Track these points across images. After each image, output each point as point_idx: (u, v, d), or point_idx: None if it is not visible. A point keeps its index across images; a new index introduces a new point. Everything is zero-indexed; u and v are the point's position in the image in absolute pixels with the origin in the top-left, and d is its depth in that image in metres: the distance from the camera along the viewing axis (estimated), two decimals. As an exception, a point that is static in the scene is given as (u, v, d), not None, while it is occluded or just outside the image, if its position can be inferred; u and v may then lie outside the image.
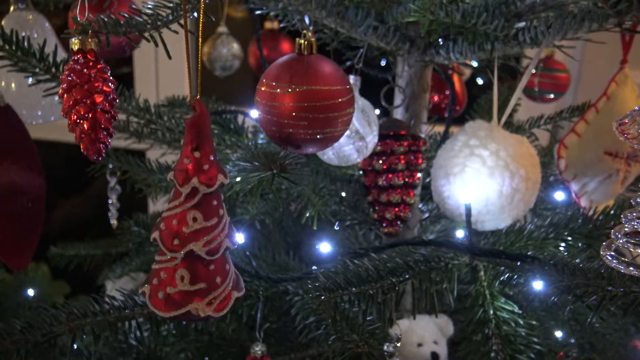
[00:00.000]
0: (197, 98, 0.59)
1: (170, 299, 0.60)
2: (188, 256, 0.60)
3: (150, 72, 2.54)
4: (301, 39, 0.81)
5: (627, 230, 0.55)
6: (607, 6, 0.82)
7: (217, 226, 0.60)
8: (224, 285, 0.62)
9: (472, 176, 0.94)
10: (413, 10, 0.89)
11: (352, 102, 0.83)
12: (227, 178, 0.61)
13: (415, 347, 1.26)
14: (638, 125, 0.52)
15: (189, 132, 0.59)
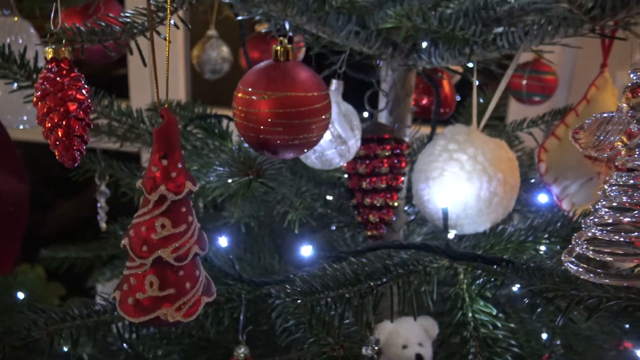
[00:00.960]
0: (165, 107, 0.60)
1: (140, 304, 0.61)
2: (157, 262, 0.61)
3: (145, 74, 2.55)
4: (278, 45, 0.82)
5: (588, 237, 0.55)
6: (580, 12, 0.83)
7: (186, 233, 0.61)
8: (193, 291, 0.63)
9: (450, 180, 0.95)
10: (390, 16, 0.90)
11: (328, 108, 0.84)
12: (196, 185, 0.62)
13: (400, 349, 1.27)
14: (590, 134, 0.52)
15: (156, 140, 0.60)
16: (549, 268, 0.75)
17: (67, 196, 2.82)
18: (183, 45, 2.49)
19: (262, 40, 1.85)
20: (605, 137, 0.52)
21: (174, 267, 0.61)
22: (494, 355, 0.90)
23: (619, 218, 0.54)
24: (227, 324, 1.09)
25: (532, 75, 1.61)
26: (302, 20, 0.98)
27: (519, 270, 0.78)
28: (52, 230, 2.79)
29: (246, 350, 1.07)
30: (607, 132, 0.52)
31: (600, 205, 0.55)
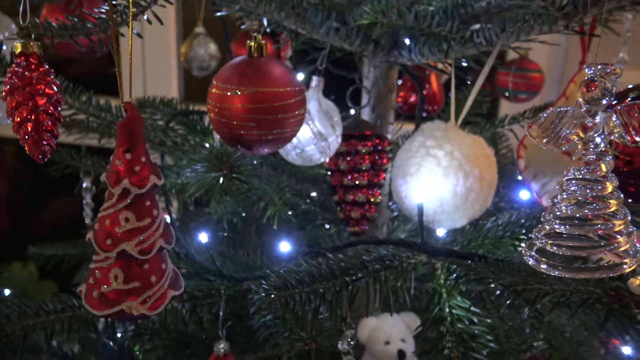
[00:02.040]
0: (128, 101, 0.61)
1: (104, 297, 0.62)
2: (121, 256, 0.61)
3: (137, 72, 2.56)
4: (252, 41, 0.83)
5: (547, 231, 0.56)
6: (554, 9, 0.83)
7: (151, 226, 0.62)
8: (159, 284, 0.63)
9: (427, 176, 0.96)
10: (366, 13, 0.90)
11: (302, 103, 0.84)
12: (161, 179, 0.62)
13: (383, 345, 1.28)
14: (545, 128, 0.53)
15: (120, 134, 0.60)
16: (518, 262, 0.75)
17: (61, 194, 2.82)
18: (175, 43, 2.49)
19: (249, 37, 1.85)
20: (560, 131, 0.52)
21: (138, 261, 0.62)
22: (469, 351, 0.91)
23: (576, 211, 0.54)
24: (211, 320, 1.09)
25: (518, 73, 1.61)
26: (281, 16, 0.98)
27: (490, 265, 0.79)
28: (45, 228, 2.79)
29: (226, 346, 1.07)
30: (562, 126, 0.52)
31: (558, 199, 0.55)
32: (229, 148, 1.01)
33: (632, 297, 0.60)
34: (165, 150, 1.11)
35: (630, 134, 0.51)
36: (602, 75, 0.51)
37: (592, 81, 0.51)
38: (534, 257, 0.57)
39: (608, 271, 0.53)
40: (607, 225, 0.53)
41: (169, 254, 1.15)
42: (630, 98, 0.72)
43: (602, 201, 0.53)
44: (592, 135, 0.52)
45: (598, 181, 0.54)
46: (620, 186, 0.77)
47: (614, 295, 0.61)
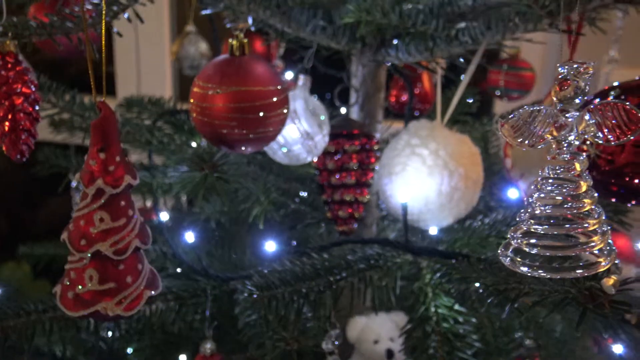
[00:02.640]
0: (102, 100, 0.60)
1: (80, 298, 0.61)
2: (96, 256, 0.61)
3: (131, 71, 2.55)
4: (234, 40, 0.82)
5: (522, 230, 0.55)
6: (537, 7, 0.83)
7: (126, 227, 0.61)
8: (135, 285, 0.63)
9: (412, 175, 0.95)
10: (350, 11, 0.90)
11: (285, 102, 0.84)
12: (136, 179, 0.62)
13: (372, 345, 1.28)
14: (517, 127, 0.52)
15: (94, 133, 0.60)
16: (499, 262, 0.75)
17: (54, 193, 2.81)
18: (169, 42, 2.49)
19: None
20: (533, 130, 0.52)
21: (114, 261, 0.61)
22: (454, 350, 0.90)
23: (551, 211, 0.54)
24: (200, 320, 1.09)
25: (510, 71, 1.61)
26: (266, 14, 0.98)
27: (473, 265, 0.78)
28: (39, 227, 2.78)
29: (212, 346, 1.07)
30: (535, 125, 0.52)
31: (533, 199, 0.55)
32: (214, 147, 1.01)
33: (606, 296, 0.60)
34: (152, 149, 1.11)
35: (603, 133, 0.51)
36: (575, 74, 0.50)
37: (565, 80, 0.51)
38: (509, 257, 0.56)
39: (583, 271, 0.53)
40: (581, 225, 0.53)
41: (156, 253, 1.15)
42: (612, 96, 0.72)
43: (576, 200, 0.53)
44: (566, 134, 0.52)
45: (572, 180, 0.53)
46: (603, 186, 0.77)
47: (588, 295, 0.61)
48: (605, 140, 0.51)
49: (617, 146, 0.70)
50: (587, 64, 0.50)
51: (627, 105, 0.49)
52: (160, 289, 0.66)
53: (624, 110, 0.49)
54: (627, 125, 0.49)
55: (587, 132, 0.51)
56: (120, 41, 2.50)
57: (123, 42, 2.50)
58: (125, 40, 2.50)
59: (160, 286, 0.67)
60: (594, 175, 0.73)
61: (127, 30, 2.64)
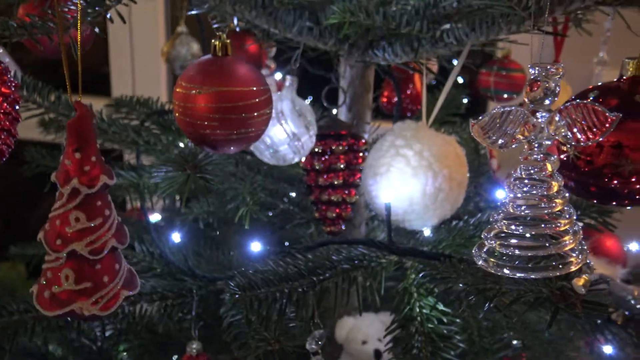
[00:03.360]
0: (78, 100, 0.60)
1: (56, 298, 0.62)
2: (72, 256, 0.61)
3: (126, 72, 2.56)
4: (216, 40, 0.83)
5: (496, 231, 0.56)
6: (519, 8, 0.83)
7: (102, 226, 0.62)
8: (112, 284, 0.63)
9: (396, 176, 0.95)
10: (334, 12, 0.90)
11: (268, 102, 0.84)
12: (113, 179, 0.62)
13: (360, 345, 1.28)
14: (488, 127, 0.53)
15: (69, 133, 0.60)
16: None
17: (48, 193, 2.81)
18: (164, 42, 2.49)
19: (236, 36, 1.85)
20: (504, 131, 0.52)
21: (90, 261, 0.62)
22: (438, 350, 0.91)
23: (523, 211, 0.54)
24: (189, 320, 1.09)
25: (500, 72, 1.61)
26: (251, 15, 0.98)
27: (454, 265, 0.79)
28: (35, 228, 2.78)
29: (198, 346, 1.07)
30: (506, 126, 0.52)
31: (506, 199, 0.55)
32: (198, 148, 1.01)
33: (577, 296, 0.60)
34: (141, 149, 1.11)
35: (574, 135, 0.51)
36: (545, 75, 0.50)
37: (535, 81, 0.51)
38: (482, 257, 0.56)
39: (555, 271, 0.53)
40: (553, 225, 0.53)
41: (143, 254, 1.15)
42: (592, 98, 0.72)
43: (548, 201, 0.53)
44: (537, 135, 0.52)
45: (544, 181, 0.53)
46: (582, 187, 0.77)
47: (559, 295, 0.61)
48: (575, 141, 0.51)
49: (596, 147, 0.70)
50: (557, 66, 0.51)
51: (596, 107, 0.49)
52: (139, 288, 0.67)
53: (593, 112, 0.49)
54: (596, 126, 0.49)
55: (557, 133, 0.52)
56: (115, 42, 2.51)
57: (118, 43, 2.51)
58: (120, 41, 2.51)
59: (139, 286, 0.67)
60: (573, 176, 0.73)
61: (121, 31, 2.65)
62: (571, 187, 0.76)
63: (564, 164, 0.73)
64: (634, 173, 0.72)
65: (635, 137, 0.70)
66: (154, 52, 2.48)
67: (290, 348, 0.81)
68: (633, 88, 0.73)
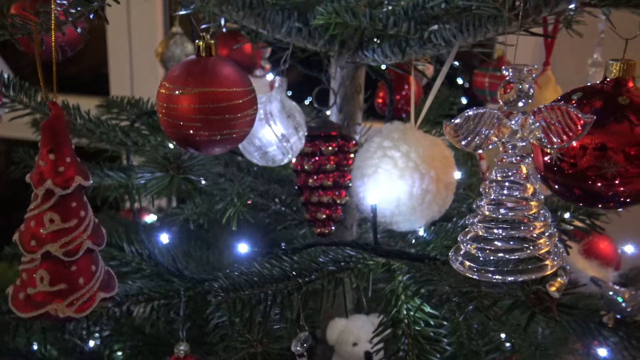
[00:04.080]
0: (52, 101, 0.60)
1: (31, 299, 0.61)
2: (48, 257, 0.61)
3: (125, 73, 2.56)
4: (200, 40, 0.82)
5: (472, 234, 0.55)
6: (505, 10, 0.82)
7: (77, 227, 0.61)
8: (88, 286, 0.63)
9: (383, 177, 0.95)
10: (320, 13, 0.90)
11: (252, 103, 0.84)
12: (89, 180, 0.62)
13: (351, 347, 1.27)
14: (453, 128, 0.52)
15: (43, 135, 0.60)
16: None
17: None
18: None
19: (231, 37, 1.85)
20: (477, 133, 0.51)
21: (65, 262, 0.61)
22: (424, 353, 0.90)
23: (498, 214, 0.53)
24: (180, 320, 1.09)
25: (495, 74, 1.60)
26: (239, 16, 0.98)
27: (438, 267, 0.78)
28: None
29: (186, 347, 1.06)
30: (479, 128, 0.51)
31: (482, 202, 0.54)
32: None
33: (552, 300, 0.59)
34: (130, 149, 1.11)
35: (548, 137, 0.50)
36: (518, 76, 0.50)
37: (508, 83, 0.50)
38: (459, 260, 0.56)
39: (530, 274, 0.52)
40: (528, 228, 0.53)
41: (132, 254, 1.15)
42: (576, 99, 0.71)
43: (523, 203, 0.53)
44: (511, 137, 0.52)
45: (519, 183, 0.53)
46: (567, 190, 0.76)
47: (534, 299, 0.60)
48: (550, 144, 0.50)
49: (580, 149, 0.70)
50: (531, 67, 0.50)
51: (570, 109, 0.48)
52: (116, 290, 0.66)
53: (567, 114, 0.48)
54: (570, 129, 0.49)
55: (532, 135, 0.51)
56: (114, 42, 2.51)
57: (116, 44, 2.51)
58: (118, 42, 2.51)
59: (116, 288, 0.67)
60: (557, 179, 0.73)
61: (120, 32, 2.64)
62: (556, 190, 0.76)
63: (548, 167, 0.72)
64: (617, 175, 0.71)
65: (619, 139, 0.70)
66: (152, 53, 2.48)
67: (273, 350, 0.80)
68: (617, 90, 0.73)
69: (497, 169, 0.54)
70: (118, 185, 1.14)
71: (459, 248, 0.56)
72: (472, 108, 0.54)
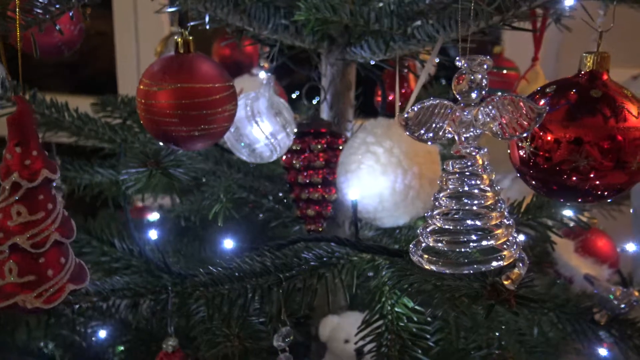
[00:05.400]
0: (18, 95, 0.61)
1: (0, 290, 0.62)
2: (16, 249, 0.62)
3: (132, 70, 2.58)
4: (179, 37, 0.83)
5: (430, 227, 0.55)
6: (483, 4, 0.82)
7: (45, 220, 0.62)
8: (57, 278, 0.63)
9: (366, 173, 0.95)
10: (300, 8, 0.90)
11: (231, 99, 0.84)
12: (57, 173, 0.63)
13: (342, 344, 1.27)
14: (405, 120, 0.52)
15: (10, 128, 0.61)
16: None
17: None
18: (169, 43, 2.51)
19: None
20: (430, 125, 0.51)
21: (34, 254, 0.62)
22: (406, 349, 0.90)
23: (455, 205, 0.53)
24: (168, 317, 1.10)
25: (493, 70, 1.59)
26: (223, 13, 0.98)
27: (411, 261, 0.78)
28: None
29: (174, 342, 1.07)
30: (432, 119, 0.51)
31: (440, 194, 0.54)
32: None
33: (510, 292, 0.59)
34: (123, 146, 1.12)
35: (502, 128, 0.50)
36: (470, 67, 0.50)
37: (461, 74, 0.50)
38: (418, 254, 0.56)
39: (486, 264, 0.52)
40: (485, 218, 0.53)
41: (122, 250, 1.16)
42: (550, 92, 0.71)
43: (479, 194, 0.53)
44: (465, 128, 0.51)
45: (475, 174, 0.53)
46: (544, 185, 0.75)
47: (491, 291, 0.60)
48: (504, 135, 0.50)
49: (554, 143, 0.69)
50: (484, 58, 0.50)
51: (523, 100, 0.48)
52: (87, 282, 0.67)
53: (520, 104, 0.48)
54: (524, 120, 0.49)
55: (485, 126, 0.51)
56: (121, 41, 2.54)
57: (123, 42, 2.53)
58: (125, 40, 2.54)
59: (88, 280, 0.68)
60: (533, 174, 0.72)
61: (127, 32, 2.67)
62: (533, 185, 0.75)
63: (523, 161, 0.72)
64: (592, 169, 0.71)
65: (592, 132, 0.69)
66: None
67: (251, 345, 0.81)
68: (591, 83, 0.72)
69: (453, 160, 0.54)
70: (110, 183, 1.16)
71: (419, 241, 0.56)
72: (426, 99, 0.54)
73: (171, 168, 0.83)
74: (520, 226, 0.97)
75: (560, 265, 1.26)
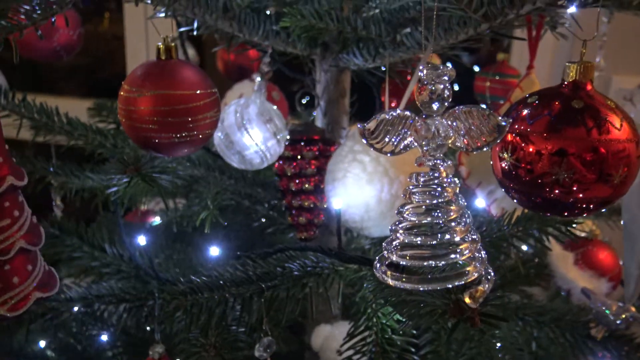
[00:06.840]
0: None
1: (-36, 297, 0.62)
2: (-19, 256, 0.62)
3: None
4: (161, 43, 0.83)
5: (395, 241, 0.53)
6: (470, 11, 0.80)
7: (11, 227, 0.62)
8: (23, 286, 0.63)
9: (352, 182, 0.94)
10: (285, 15, 0.89)
11: (214, 105, 0.84)
12: (24, 180, 0.62)
13: (335, 354, 1.26)
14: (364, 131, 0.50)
15: (-24, 135, 0.60)
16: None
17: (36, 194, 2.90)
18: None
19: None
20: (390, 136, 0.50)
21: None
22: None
23: (418, 219, 0.52)
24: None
25: (496, 78, 1.57)
26: (212, 18, 0.98)
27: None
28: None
29: (161, 349, 1.07)
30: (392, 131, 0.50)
31: (404, 208, 0.53)
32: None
33: (473, 309, 0.57)
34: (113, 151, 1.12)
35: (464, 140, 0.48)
36: (431, 77, 0.48)
37: (422, 84, 0.49)
38: (382, 270, 0.54)
39: (451, 281, 0.51)
40: (449, 233, 0.51)
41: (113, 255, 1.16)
42: (532, 103, 0.69)
43: (443, 208, 0.51)
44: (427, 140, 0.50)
45: (439, 187, 0.51)
46: (526, 198, 0.73)
47: (454, 308, 0.58)
48: (467, 147, 0.49)
49: (535, 155, 0.67)
50: (447, 68, 0.48)
51: (486, 111, 0.47)
52: (56, 290, 0.67)
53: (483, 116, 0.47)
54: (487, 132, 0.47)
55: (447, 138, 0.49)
56: (132, 44, 2.55)
57: (134, 45, 2.55)
58: (136, 43, 2.55)
59: (57, 288, 0.67)
60: (514, 186, 0.70)
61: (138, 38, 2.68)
62: (516, 198, 0.73)
63: (505, 173, 0.70)
64: (575, 181, 0.69)
65: (574, 143, 0.67)
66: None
67: (228, 355, 0.80)
68: (574, 93, 0.70)
69: (417, 173, 0.52)
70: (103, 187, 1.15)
71: (384, 257, 0.55)
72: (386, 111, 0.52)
73: (154, 174, 0.83)
74: (511, 238, 0.96)
75: (558, 277, 1.23)
